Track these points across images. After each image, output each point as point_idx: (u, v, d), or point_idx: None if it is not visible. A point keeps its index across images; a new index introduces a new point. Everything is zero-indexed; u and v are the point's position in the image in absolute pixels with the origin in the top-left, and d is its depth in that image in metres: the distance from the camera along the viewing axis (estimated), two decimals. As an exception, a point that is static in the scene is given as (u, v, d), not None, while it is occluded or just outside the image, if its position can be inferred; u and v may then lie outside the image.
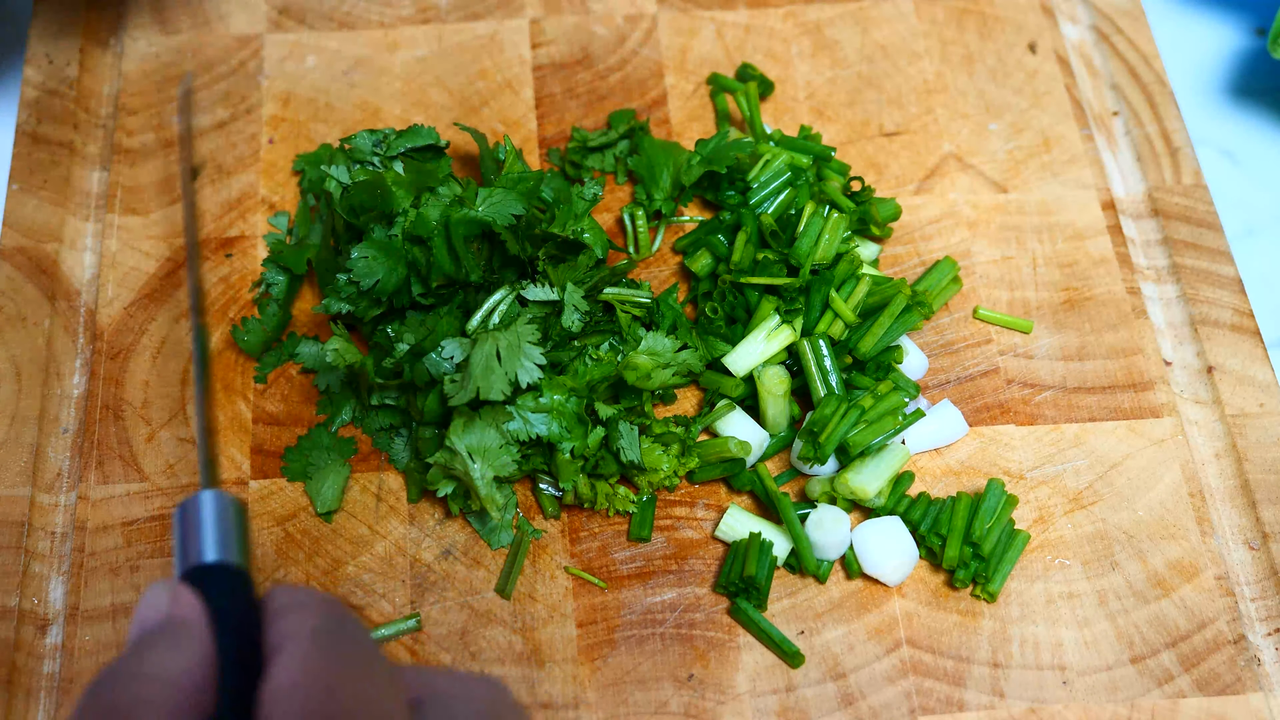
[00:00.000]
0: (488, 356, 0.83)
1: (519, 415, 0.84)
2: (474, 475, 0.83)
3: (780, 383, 0.89)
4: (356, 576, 0.87)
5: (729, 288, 0.91)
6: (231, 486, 0.90)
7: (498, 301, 0.87)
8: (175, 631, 0.58)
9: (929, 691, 0.83)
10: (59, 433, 0.92)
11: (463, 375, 0.84)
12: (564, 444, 0.85)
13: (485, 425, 0.84)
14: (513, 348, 0.84)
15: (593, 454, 0.86)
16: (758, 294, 0.91)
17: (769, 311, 0.90)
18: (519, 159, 0.94)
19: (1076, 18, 1.12)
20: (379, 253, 0.88)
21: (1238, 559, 0.88)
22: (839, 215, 0.93)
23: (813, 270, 0.92)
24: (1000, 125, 1.06)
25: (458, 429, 0.84)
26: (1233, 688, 0.83)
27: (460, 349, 0.85)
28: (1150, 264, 1.00)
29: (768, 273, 0.91)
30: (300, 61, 1.09)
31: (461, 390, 0.83)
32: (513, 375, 0.83)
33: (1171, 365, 0.95)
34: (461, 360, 0.84)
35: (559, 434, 0.85)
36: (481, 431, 0.84)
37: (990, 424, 0.92)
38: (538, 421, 0.84)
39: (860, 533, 0.87)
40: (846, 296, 0.91)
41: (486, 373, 0.82)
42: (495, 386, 0.82)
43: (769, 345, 0.90)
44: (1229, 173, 1.08)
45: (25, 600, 0.86)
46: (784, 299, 0.91)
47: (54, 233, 1.00)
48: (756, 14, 1.11)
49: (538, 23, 1.11)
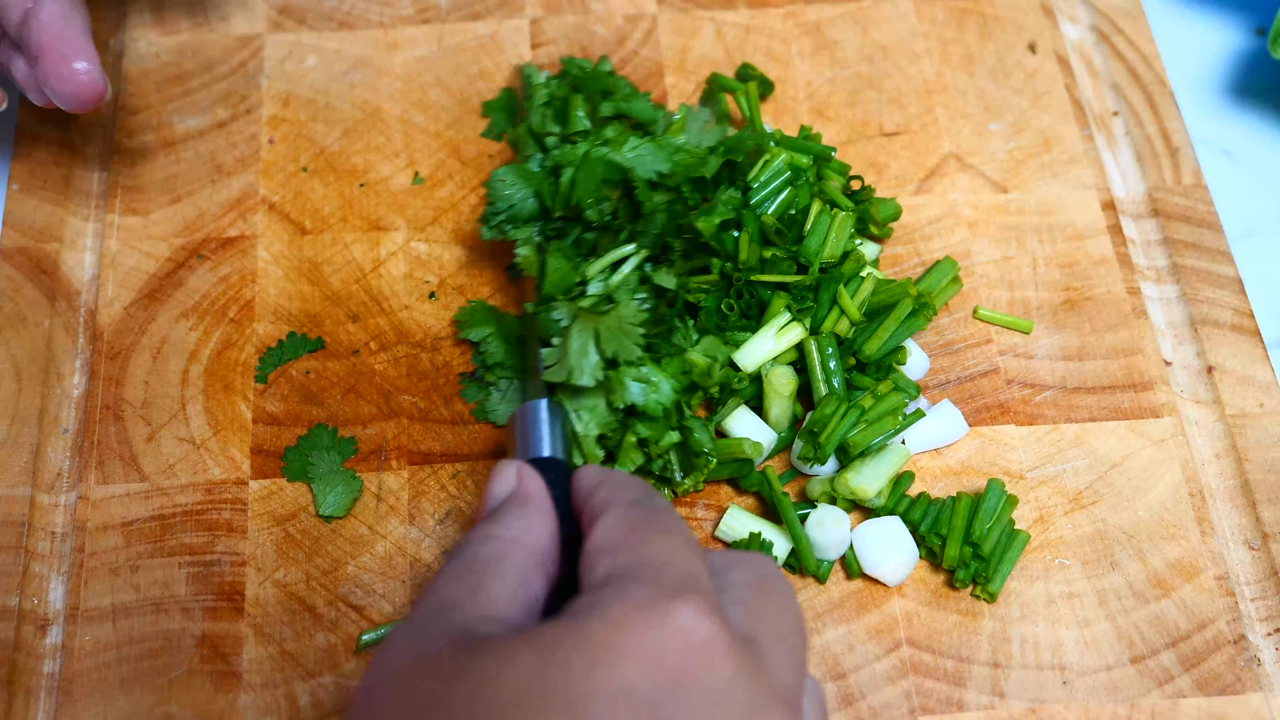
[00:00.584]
0: (585, 340, 0.83)
1: (623, 383, 0.84)
2: (579, 430, 0.84)
3: (788, 383, 0.88)
4: (356, 576, 0.87)
5: (744, 285, 0.91)
6: (231, 486, 0.90)
7: (625, 255, 0.87)
8: (523, 503, 0.69)
9: (929, 691, 0.83)
10: (59, 433, 0.92)
11: (561, 349, 0.84)
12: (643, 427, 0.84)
13: (595, 392, 0.84)
14: (613, 331, 0.84)
15: (661, 451, 0.86)
16: (768, 292, 0.91)
17: (780, 309, 0.90)
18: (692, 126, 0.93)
19: (1076, 18, 1.12)
20: (516, 177, 0.90)
21: (1238, 559, 0.88)
22: (845, 214, 0.92)
23: (821, 268, 0.92)
24: (1000, 125, 1.06)
25: (566, 392, 0.84)
26: (1233, 688, 0.83)
27: (567, 314, 0.85)
28: (1150, 264, 1.00)
29: (777, 271, 0.91)
30: (300, 61, 1.09)
31: (556, 367, 0.83)
32: (609, 355, 0.83)
33: (1171, 365, 0.95)
34: (564, 329, 0.84)
35: (655, 407, 0.84)
36: (591, 395, 0.84)
37: (990, 424, 0.92)
38: (636, 391, 0.84)
39: (860, 533, 0.87)
40: (852, 295, 0.91)
41: (580, 355, 0.83)
42: (587, 372, 0.82)
43: (779, 342, 0.90)
44: (1229, 173, 1.08)
45: (25, 600, 0.86)
46: (794, 296, 0.90)
47: (54, 233, 1.00)
48: (756, 14, 1.11)
49: (538, 23, 1.11)
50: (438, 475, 0.90)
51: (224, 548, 0.88)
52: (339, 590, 0.86)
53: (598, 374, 0.83)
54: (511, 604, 0.63)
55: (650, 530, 0.64)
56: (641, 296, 0.88)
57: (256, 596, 0.86)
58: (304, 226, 1.01)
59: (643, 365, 0.85)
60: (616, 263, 0.89)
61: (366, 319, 0.97)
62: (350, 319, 0.97)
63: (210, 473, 0.90)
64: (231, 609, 0.86)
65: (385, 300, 0.98)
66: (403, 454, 0.91)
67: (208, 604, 0.86)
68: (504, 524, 0.67)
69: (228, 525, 0.88)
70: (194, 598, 0.86)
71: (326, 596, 0.86)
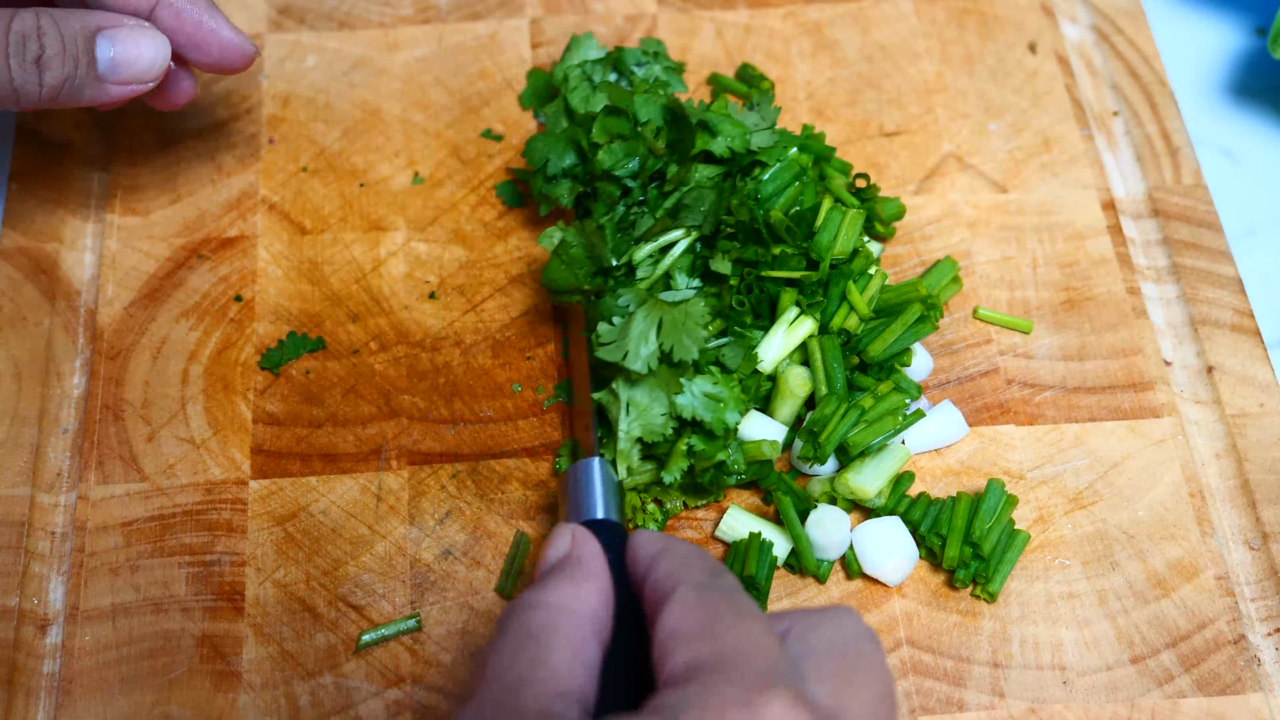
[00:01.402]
0: (648, 326, 0.82)
1: (691, 391, 0.83)
2: (620, 426, 0.82)
3: (803, 384, 0.88)
4: (356, 576, 0.87)
5: (754, 281, 0.90)
6: (231, 486, 0.90)
7: (675, 239, 0.87)
8: (577, 568, 0.68)
9: (929, 691, 0.83)
10: (59, 433, 0.92)
11: (621, 330, 0.83)
12: (698, 440, 0.83)
13: (656, 386, 0.82)
14: (677, 325, 0.82)
15: (706, 466, 0.84)
16: (777, 288, 0.91)
17: (789, 304, 0.90)
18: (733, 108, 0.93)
19: (1076, 18, 1.12)
20: (550, 138, 0.95)
21: (1238, 559, 0.88)
22: (856, 210, 0.92)
23: (830, 265, 0.91)
24: (1000, 125, 1.06)
25: (625, 379, 0.83)
26: (1233, 688, 0.83)
27: (634, 299, 0.84)
28: (1150, 264, 1.00)
29: (787, 267, 0.90)
30: (300, 61, 1.09)
31: (614, 346, 0.82)
32: (667, 348, 0.82)
33: (1171, 365, 0.95)
34: (629, 313, 0.84)
35: (719, 425, 0.83)
36: (650, 390, 0.83)
37: (990, 424, 0.92)
38: (705, 407, 0.83)
39: (860, 533, 0.87)
40: (860, 291, 0.91)
41: (640, 340, 0.82)
42: (641, 358, 0.81)
43: (790, 338, 0.89)
44: (1229, 173, 1.08)
45: (25, 600, 0.86)
46: (804, 292, 0.90)
47: (54, 233, 1.00)
48: (756, 14, 1.11)
49: (538, 22, 1.11)
50: (438, 475, 0.90)
51: (224, 548, 0.88)
52: (339, 590, 0.86)
53: (652, 362, 0.81)
54: (573, 675, 0.63)
55: (728, 616, 0.63)
56: (696, 285, 0.88)
57: (256, 596, 0.86)
58: (304, 226, 1.01)
59: (714, 381, 0.83)
60: (665, 247, 0.89)
61: (366, 319, 0.97)
62: (350, 319, 0.97)
63: (210, 473, 0.90)
64: (231, 609, 0.86)
65: (385, 300, 0.98)
66: (403, 454, 0.91)
67: (207, 604, 0.86)
68: (555, 589, 0.66)
69: (228, 525, 0.88)
70: (194, 598, 0.86)
71: (326, 596, 0.86)
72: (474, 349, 0.95)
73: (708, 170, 0.90)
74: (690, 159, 0.90)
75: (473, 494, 0.90)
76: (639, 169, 0.92)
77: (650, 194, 0.91)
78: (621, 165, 0.92)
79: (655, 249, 0.88)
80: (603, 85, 0.94)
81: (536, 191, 0.97)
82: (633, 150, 0.92)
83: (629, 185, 0.92)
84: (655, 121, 0.93)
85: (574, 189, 0.95)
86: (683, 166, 0.90)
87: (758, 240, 0.89)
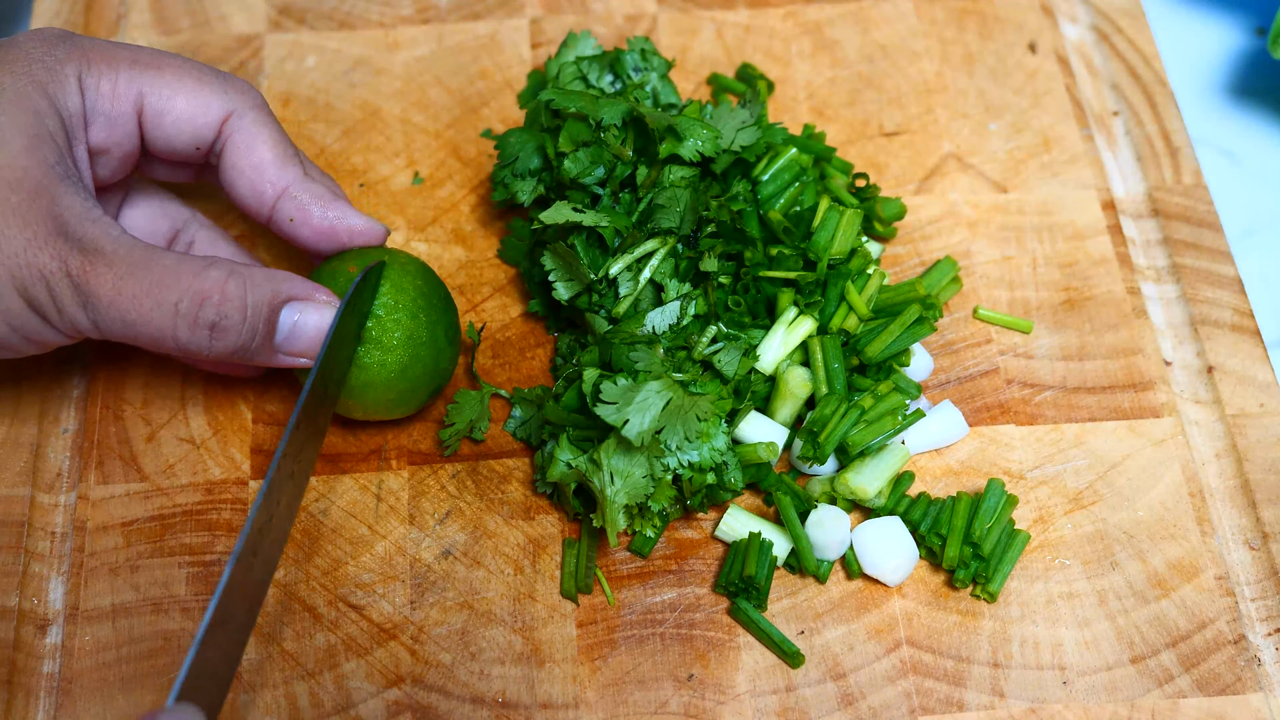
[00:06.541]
0: (655, 404, 0.81)
1: (675, 455, 0.82)
2: (607, 494, 0.81)
3: (804, 385, 0.88)
4: (356, 576, 0.87)
5: (750, 280, 0.90)
6: (231, 486, 0.90)
7: (648, 251, 0.87)
8: None
9: (929, 691, 0.83)
10: (59, 433, 0.92)
11: (626, 395, 0.81)
12: (685, 470, 0.83)
13: (642, 455, 0.82)
14: (680, 412, 0.81)
15: (695, 489, 0.84)
16: (775, 288, 0.91)
17: (787, 304, 0.90)
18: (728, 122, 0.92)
19: (1076, 18, 1.12)
20: (521, 134, 0.93)
21: (1238, 559, 0.88)
22: (853, 210, 0.92)
23: (828, 265, 0.91)
24: (1000, 125, 1.06)
25: (610, 447, 0.82)
26: (1233, 688, 0.83)
27: (648, 363, 0.83)
28: (1150, 264, 1.00)
29: (784, 267, 0.90)
30: (300, 61, 1.09)
31: (615, 410, 0.80)
32: (660, 428, 0.80)
33: (1171, 365, 0.95)
34: (643, 377, 0.82)
35: (707, 460, 0.83)
36: (633, 458, 0.82)
37: (990, 424, 0.92)
38: (694, 451, 0.83)
39: (860, 533, 0.87)
40: (859, 291, 0.91)
41: (640, 411, 0.80)
42: (635, 433, 0.80)
43: (790, 338, 0.89)
44: (1229, 173, 1.08)
45: (25, 600, 0.86)
46: (801, 292, 0.90)
47: (54, 233, 1.00)
48: (756, 14, 1.11)
49: (538, 22, 1.11)
50: (438, 475, 0.90)
51: (224, 548, 0.88)
52: (339, 590, 0.86)
53: (646, 438, 0.80)
54: None
55: None
56: (685, 292, 0.87)
57: (256, 596, 0.86)
58: (304, 226, 1.01)
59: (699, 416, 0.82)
60: (642, 258, 0.88)
61: (366, 319, 0.97)
62: (350, 319, 0.97)
63: (210, 473, 0.90)
64: (231, 609, 0.86)
65: (385, 300, 0.98)
66: (403, 454, 0.91)
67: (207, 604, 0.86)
68: None
69: (228, 525, 0.88)
70: (194, 598, 0.86)
71: (326, 596, 0.86)
72: (474, 348, 0.95)
73: (681, 170, 0.89)
74: (660, 163, 0.90)
75: (473, 494, 0.90)
76: (606, 176, 0.91)
77: (623, 199, 0.91)
78: (588, 173, 0.90)
79: (631, 260, 0.88)
80: (551, 89, 0.92)
81: (497, 178, 0.95)
82: (598, 157, 0.91)
83: (597, 193, 0.91)
84: (618, 126, 0.91)
85: (535, 190, 0.94)
86: (653, 169, 0.90)
87: (740, 239, 0.89)
